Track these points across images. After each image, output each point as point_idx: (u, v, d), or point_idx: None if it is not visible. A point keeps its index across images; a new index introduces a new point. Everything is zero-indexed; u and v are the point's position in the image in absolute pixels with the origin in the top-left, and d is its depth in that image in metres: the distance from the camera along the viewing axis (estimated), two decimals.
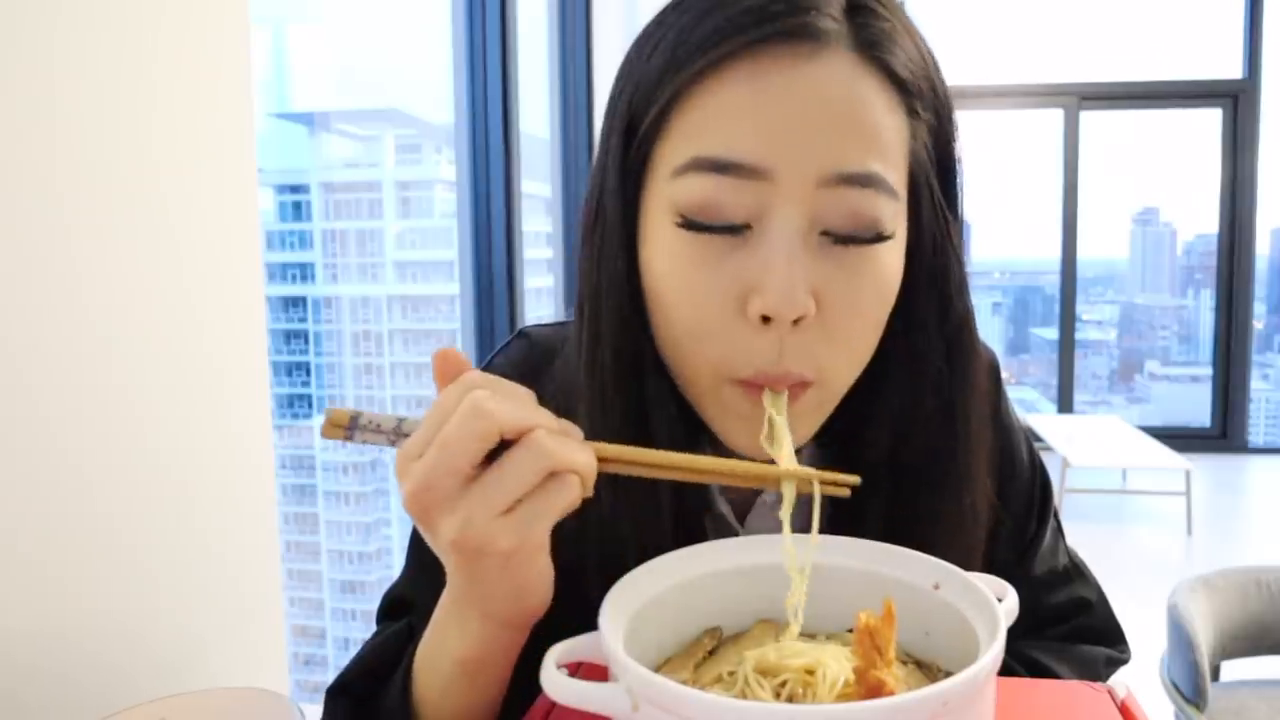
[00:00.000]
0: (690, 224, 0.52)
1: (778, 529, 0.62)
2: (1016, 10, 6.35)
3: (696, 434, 0.58)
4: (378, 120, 3.23)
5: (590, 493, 0.46)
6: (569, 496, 0.44)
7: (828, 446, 0.63)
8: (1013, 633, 0.64)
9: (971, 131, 6.21)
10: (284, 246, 3.09)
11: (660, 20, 0.55)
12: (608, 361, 0.57)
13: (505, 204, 2.37)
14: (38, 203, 0.87)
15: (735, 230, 0.51)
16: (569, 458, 0.44)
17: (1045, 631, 0.70)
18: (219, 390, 1.10)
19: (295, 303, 3.12)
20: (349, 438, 0.46)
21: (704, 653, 0.48)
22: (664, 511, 0.58)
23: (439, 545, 0.46)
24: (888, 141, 0.52)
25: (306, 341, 3.10)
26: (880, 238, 0.52)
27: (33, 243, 0.86)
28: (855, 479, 0.50)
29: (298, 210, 3.12)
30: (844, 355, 0.53)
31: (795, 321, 0.50)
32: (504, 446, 0.44)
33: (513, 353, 0.70)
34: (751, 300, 0.50)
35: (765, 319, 0.50)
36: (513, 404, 0.44)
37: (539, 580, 0.48)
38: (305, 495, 3.22)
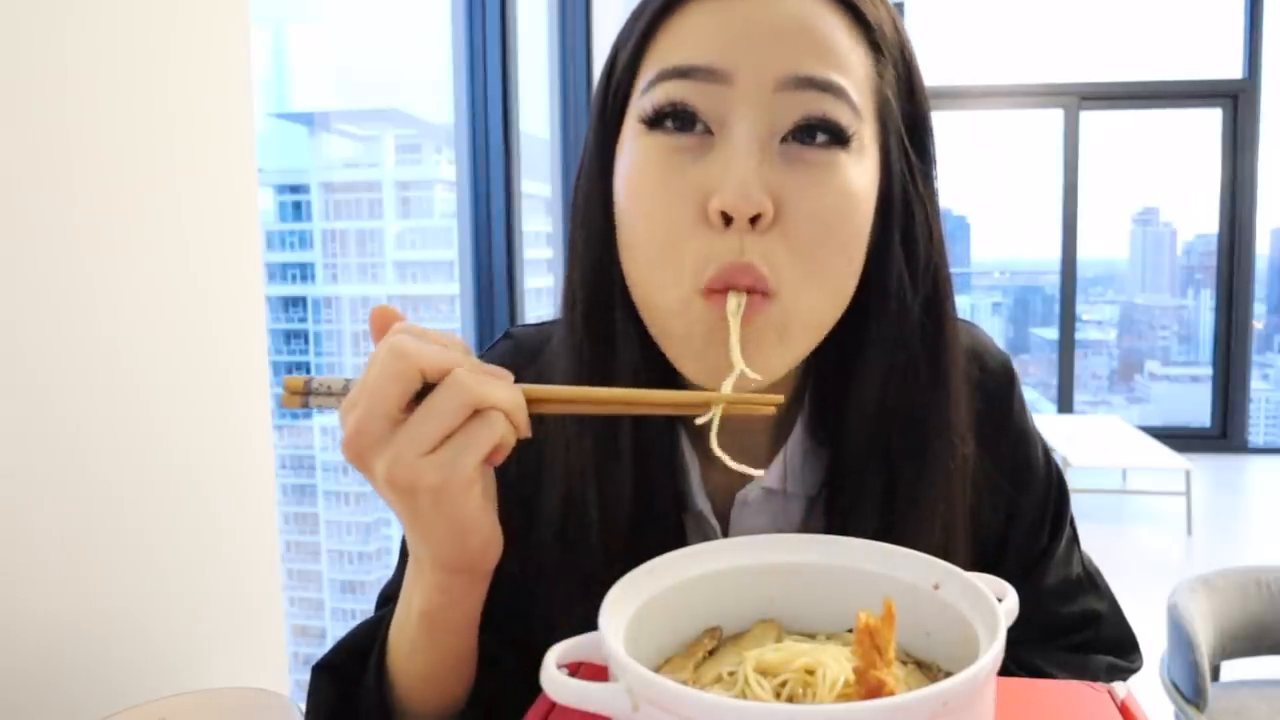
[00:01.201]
0: (653, 121, 0.53)
1: (760, 527, 0.63)
2: (1017, 10, 6.35)
3: (661, 384, 0.59)
4: (378, 120, 3.22)
5: (525, 432, 0.48)
6: (493, 432, 0.46)
7: (824, 444, 0.63)
8: (1022, 642, 0.64)
9: (971, 131, 6.24)
10: (284, 246, 3.08)
11: None
12: (580, 295, 0.59)
13: (505, 204, 2.37)
14: (38, 203, 0.87)
15: (696, 129, 0.53)
16: (490, 394, 0.46)
17: (1055, 642, 0.69)
18: (219, 390, 1.10)
19: (295, 303, 3.11)
20: (306, 404, 0.48)
21: (704, 653, 0.48)
22: (624, 503, 0.59)
23: (377, 487, 0.48)
24: (849, 63, 0.53)
25: (306, 341, 3.09)
26: (840, 138, 0.52)
27: (33, 243, 0.86)
28: (779, 398, 0.51)
29: (298, 210, 3.12)
30: (804, 268, 0.52)
31: (754, 222, 0.51)
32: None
33: (498, 352, 0.71)
34: (711, 201, 0.51)
35: (725, 219, 0.51)
36: (435, 347, 0.46)
37: (476, 519, 0.49)
38: (305, 495, 3.22)
